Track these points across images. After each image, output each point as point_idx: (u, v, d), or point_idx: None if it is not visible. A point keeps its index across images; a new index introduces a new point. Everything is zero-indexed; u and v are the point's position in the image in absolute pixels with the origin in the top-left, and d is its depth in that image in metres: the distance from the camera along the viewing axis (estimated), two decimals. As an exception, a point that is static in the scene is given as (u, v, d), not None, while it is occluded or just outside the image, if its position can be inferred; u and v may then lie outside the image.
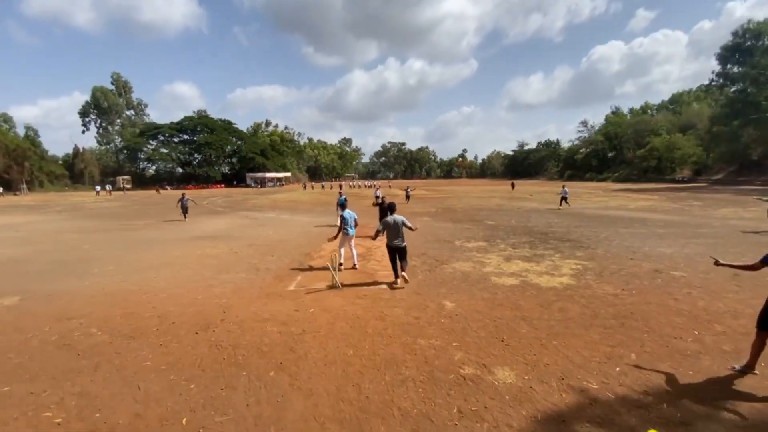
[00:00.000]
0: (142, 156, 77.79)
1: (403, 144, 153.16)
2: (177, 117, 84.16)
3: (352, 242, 8.68)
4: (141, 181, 71.85)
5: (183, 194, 19.95)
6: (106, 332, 5.22)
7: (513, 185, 47.76)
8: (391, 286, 7.12)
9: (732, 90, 43.68)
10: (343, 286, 7.09)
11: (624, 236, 12.27)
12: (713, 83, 49.35)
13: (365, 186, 64.67)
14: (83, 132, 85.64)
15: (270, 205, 28.68)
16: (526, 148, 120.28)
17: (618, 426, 3.15)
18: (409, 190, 31.71)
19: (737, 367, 4.03)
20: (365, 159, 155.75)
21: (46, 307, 6.32)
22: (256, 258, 9.78)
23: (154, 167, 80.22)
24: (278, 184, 76.81)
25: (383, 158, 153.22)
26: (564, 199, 23.28)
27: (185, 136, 78.71)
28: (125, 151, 77.85)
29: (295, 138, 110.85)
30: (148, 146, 76.27)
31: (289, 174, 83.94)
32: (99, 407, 3.51)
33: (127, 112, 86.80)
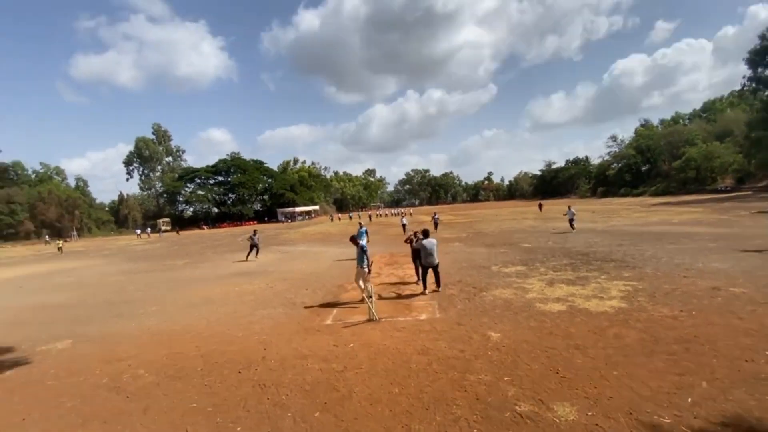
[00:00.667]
0: (181, 199, 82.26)
1: (427, 171, 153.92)
2: (212, 160, 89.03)
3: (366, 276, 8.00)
4: (180, 223, 75.51)
5: (254, 231, 18.68)
6: (153, 373, 5.31)
7: (540, 206, 43.40)
8: (423, 293, 8.57)
9: (766, 93, 41.69)
10: (381, 318, 6.96)
11: (672, 253, 11.52)
12: (746, 88, 47.30)
13: (392, 214, 64.79)
14: (127, 180, 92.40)
15: (301, 239, 29.19)
16: (554, 167, 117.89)
17: (705, 469, 2.80)
18: (436, 216, 31.37)
19: None
20: (390, 188, 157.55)
21: (96, 349, 6.54)
22: (291, 292, 9.85)
23: (191, 209, 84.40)
24: (307, 217, 78.52)
25: (407, 186, 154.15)
26: (571, 221, 20.41)
27: (220, 178, 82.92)
28: (165, 195, 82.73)
29: (322, 172, 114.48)
30: (186, 189, 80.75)
31: (317, 207, 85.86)
32: (150, 452, 3.50)
33: (167, 159, 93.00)
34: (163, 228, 68.02)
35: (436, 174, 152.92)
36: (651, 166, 72.60)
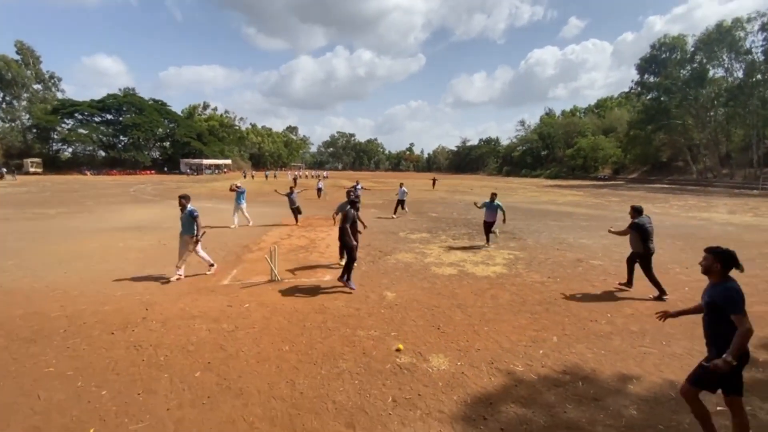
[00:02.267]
0: (56, 136, 68.84)
1: (353, 135, 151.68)
2: (99, 94, 75.04)
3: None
4: (55, 165, 63.68)
5: (291, 188, 14.14)
6: (1, 336, 4.54)
7: (434, 182, 39.48)
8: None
9: (648, 98, 48.83)
10: (283, 279, 6.86)
11: (552, 228, 13.27)
12: (632, 91, 54.83)
13: (312, 176, 62.87)
14: (-20, 106, 73.72)
15: (207, 194, 26.94)
16: (468, 144, 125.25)
17: (539, 404, 3.38)
18: (358, 186, 19.73)
19: None
20: (313, 148, 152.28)
21: None
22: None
23: (70, 149, 71.42)
24: (217, 171, 72.45)
25: (331, 148, 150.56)
26: (401, 202, 16.22)
27: (109, 116, 70.75)
28: (35, 130, 68.31)
29: (237, 123, 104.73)
30: (63, 126, 67.61)
31: (229, 161, 79.40)
32: (-16, 423, 3.04)
33: (36, 86, 75.99)
34: (32, 170, 56.99)
35: (362, 139, 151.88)
36: (549, 152, 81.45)
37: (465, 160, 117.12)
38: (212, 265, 7.23)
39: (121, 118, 70.06)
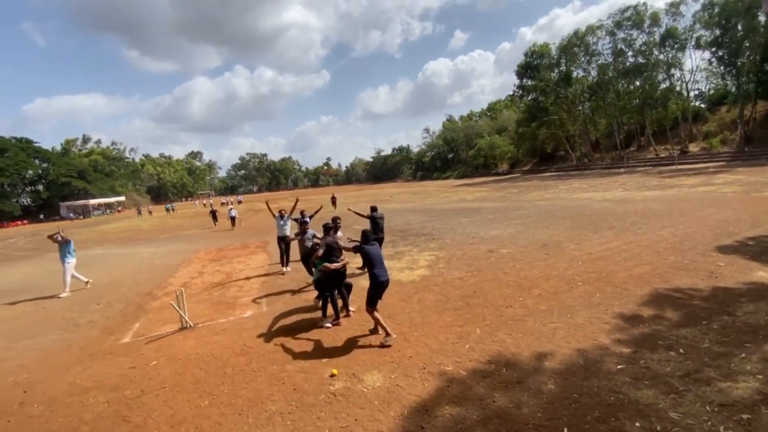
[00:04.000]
0: None
1: (264, 155, 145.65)
2: (-64, 136, 61.36)
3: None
4: None
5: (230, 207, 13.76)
6: None
7: (333, 200, 29.75)
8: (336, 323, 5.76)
9: (529, 98, 55.65)
10: (196, 324, 6.20)
11: (465, 225, 14.20)
12: (515, 94, 61.84)
13: (222, 204, 57.83)
14: None
15: (98, 239, 23.47)
16: (383, 154, 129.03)
17: (470, 399, 3.51)
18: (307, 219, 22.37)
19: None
20: (222, 173, 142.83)
21: None
22: (74, 310, 7.77)
23: None
24: (109, 211, 63.88)
25: (243, 171, 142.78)
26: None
27: (-45, 162, 58.18)
28: None
29: (127, 155, 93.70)
30: None
31: (122, 198, 70.56)
32: None
33: None
34: None
35: (275, 159, 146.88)
36: (454, 154, 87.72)
37: (382, 170, 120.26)
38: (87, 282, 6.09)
39: (-26, 164, 57.87)
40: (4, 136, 63.28)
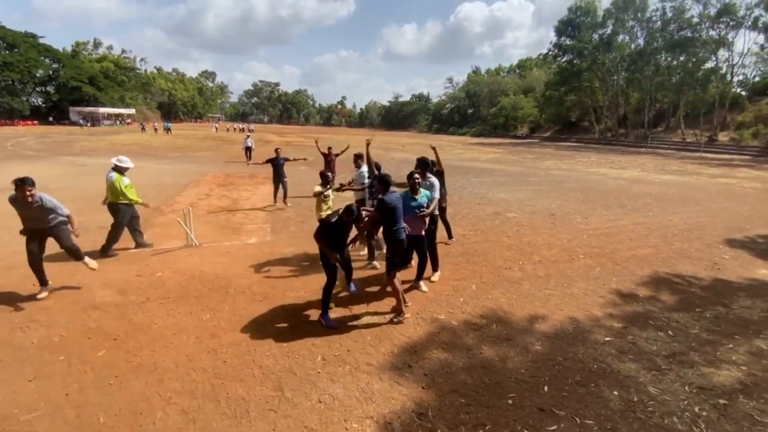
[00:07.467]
0: None
1: (278, 84, 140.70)
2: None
3: None
4: None
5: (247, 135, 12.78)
6: None
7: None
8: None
9: (563, 60, 51.95)
10: (201, 243, 6.35)
11: (475, 184, 14.02)
12: (549, 52, 57.92)
13: (238, 130, 56.17)
14: None
15: (107, 149, 23.50)
16: (400, 100, 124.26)
17: (459, 347, 3.66)
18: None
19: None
20: (233, 98, 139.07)
21: None
22: (83, 215, 7.93)
23: None
24: (119, 122, 63.23)
25: (255, 99, 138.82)
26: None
27: (-38, 51, 56.58)
28: None
29: (137, 65, 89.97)
30: None
31: (133, 111, 69.39)
32: None
33: None
34: None
35: (289, 90, 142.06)
36: (475, 110, 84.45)
37: (397, 117, 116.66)
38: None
39: (-16, 57, 56.21)
40: (14, 30, 60.90)
